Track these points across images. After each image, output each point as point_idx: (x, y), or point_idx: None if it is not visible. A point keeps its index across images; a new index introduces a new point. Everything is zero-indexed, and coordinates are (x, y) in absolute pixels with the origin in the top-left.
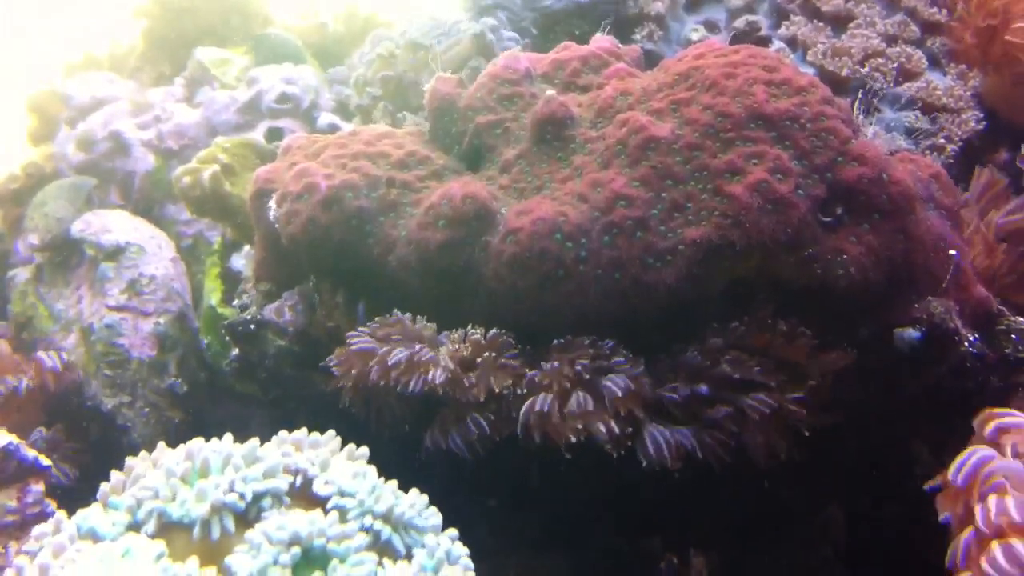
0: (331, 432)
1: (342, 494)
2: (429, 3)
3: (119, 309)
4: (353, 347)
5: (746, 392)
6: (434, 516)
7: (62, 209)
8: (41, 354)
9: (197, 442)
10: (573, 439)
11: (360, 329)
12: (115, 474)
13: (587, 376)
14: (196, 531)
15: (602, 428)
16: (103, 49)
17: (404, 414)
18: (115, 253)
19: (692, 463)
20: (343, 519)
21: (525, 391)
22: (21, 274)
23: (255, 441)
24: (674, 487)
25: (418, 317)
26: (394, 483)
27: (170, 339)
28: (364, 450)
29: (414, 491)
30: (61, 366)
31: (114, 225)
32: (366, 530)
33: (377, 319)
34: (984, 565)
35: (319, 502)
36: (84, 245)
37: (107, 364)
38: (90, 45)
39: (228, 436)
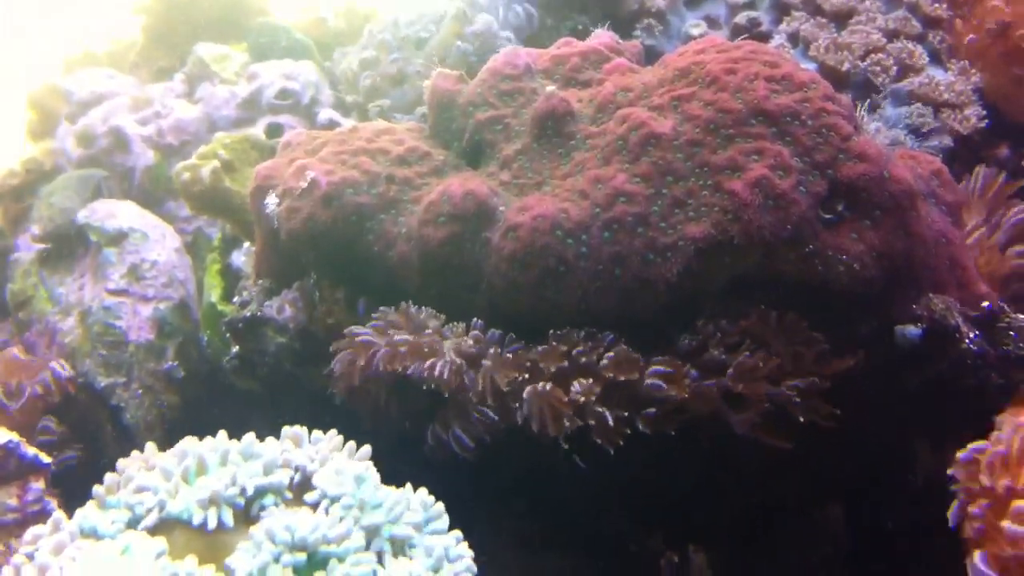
0: (332, 432)
1: (340, 493)
2: None
3: (119, 293)
4: (358, 338)
5: None
6: (438, 516)
7: (69, 200)
8: (54, 364)
9: (191, 440)
10: (568, 424)
11: (367, 327)
12: (108, 475)
13: (583, 361)
14: (195, 525)
15: (601, 412)
16: (102, 45)
17: (405, 409)
18: (118, 238)
19: (695, 460)
20: (343, 518)
21: (525, 381)
22: (25, 256)
23: (251, 436)
24: (675, 484)
25: (423, 308)
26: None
27: (170, 325)
28: (366, 449)
29: (422, 490)
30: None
31: (119, 212)
32: (366, 530)
33: (382, 309)
34: None
35: (318, 499)
36: (89, 231)
37: (103, 345)
38: (90, 42)
39: (222, 433)
